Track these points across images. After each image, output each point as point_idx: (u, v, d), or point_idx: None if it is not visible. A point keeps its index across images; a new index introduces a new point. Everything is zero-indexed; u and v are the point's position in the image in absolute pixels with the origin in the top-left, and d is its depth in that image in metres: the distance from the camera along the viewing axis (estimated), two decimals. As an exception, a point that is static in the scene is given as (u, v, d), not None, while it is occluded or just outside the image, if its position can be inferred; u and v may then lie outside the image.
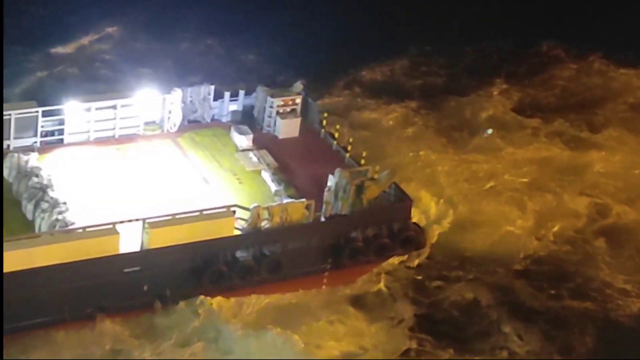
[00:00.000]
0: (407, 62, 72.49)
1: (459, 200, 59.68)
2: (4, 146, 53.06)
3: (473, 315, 53.81)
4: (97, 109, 54.95)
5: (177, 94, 56.58)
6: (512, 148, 64.81)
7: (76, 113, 54.46)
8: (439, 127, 66.31)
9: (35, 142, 53.69)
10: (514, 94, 71.29)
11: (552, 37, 76.09)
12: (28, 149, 52.83)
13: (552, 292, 55.38)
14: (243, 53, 69.61)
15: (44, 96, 56.23)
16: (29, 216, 49.62)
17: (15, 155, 51.74)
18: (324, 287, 53.17)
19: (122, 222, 48.80)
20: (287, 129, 57.84)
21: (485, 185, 61.81)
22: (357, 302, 53.23)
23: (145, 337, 48.70)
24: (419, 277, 55.16)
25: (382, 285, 53.93)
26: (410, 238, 54.10)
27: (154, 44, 68.71)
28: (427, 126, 66.12)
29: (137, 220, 48.97)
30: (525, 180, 62.62)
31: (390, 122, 66.07)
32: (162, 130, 56.75)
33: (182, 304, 49.63)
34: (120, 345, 48.35)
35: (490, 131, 65.58)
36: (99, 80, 63.72)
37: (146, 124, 56.45)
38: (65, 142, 54.60)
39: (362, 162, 55.45)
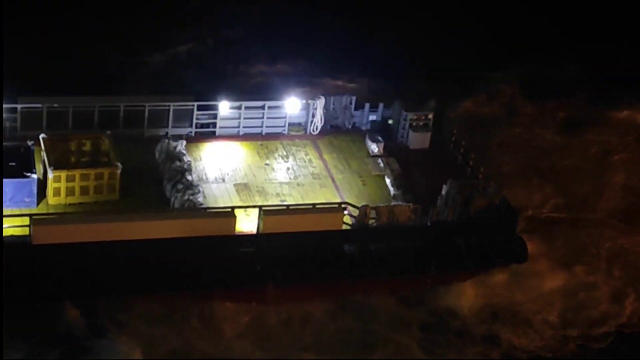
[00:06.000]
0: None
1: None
2: (163, 133, 60.76)
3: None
4: (246, 107, 61.86)
5: (320, 101, 62.53)
6: None
7: (228, 110, 61.40)
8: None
9: (190, 132, 61.07)
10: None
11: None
12: (181, 137, 59.96)
13: None
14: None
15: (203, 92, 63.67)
16: (167, 194, 56.86)
17: (166, 141, 59.13)
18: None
19: (241, 207, 55.51)
20: (418, 140, 62.44)
21: None
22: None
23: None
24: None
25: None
26: (512, 251, 57.44)
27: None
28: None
29: (255, 207, 55.30)
30: None
31: None
32: (305, 132, 62.88)
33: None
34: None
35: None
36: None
37: (291, 124, 62.89)
38: (216, 134, 61.67)
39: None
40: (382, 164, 60.95)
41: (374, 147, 61.86)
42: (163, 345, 52.61)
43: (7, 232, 52.30)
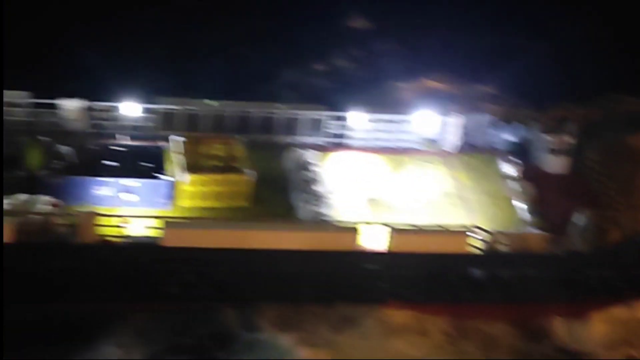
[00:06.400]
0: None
1: None
2: (293, 141, 60.08)
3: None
4: (379, 120, 60.96)
5: (456, 117, 61.24)
6: None
7: (360, 121, 60.63)
8: None
9: (321, 141, 60.40)
10: None
11: None
12: (312, 147, 59.37)
13: None
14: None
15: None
16: (294, 204, 56.24)
17: (297, 150, 58.75)
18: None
19: (369, 222, 54.47)
20: (555, 164, 60.39)
21: None
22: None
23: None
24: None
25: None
26: (646, 286, 55.65)
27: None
28: None
29: (383, 224, 54.31)
30: None
31: None
32: (438, 149, 61.46)
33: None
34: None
35: None
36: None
37: (424, 140, 61.57)
38: (347, 145, 60.75)
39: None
40: (515, 187, 59.48)
41: (509, 169, 60.49)
42: (299, 350, 52.66)
43: (139, 232, 52.80)
